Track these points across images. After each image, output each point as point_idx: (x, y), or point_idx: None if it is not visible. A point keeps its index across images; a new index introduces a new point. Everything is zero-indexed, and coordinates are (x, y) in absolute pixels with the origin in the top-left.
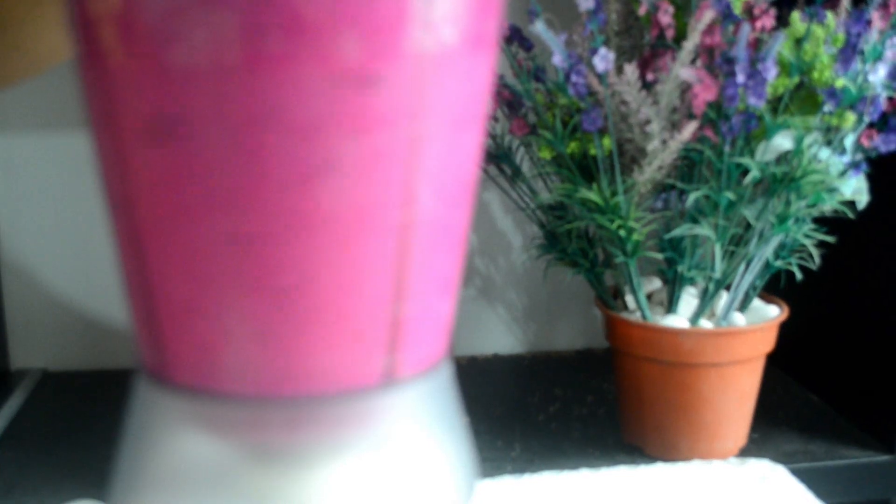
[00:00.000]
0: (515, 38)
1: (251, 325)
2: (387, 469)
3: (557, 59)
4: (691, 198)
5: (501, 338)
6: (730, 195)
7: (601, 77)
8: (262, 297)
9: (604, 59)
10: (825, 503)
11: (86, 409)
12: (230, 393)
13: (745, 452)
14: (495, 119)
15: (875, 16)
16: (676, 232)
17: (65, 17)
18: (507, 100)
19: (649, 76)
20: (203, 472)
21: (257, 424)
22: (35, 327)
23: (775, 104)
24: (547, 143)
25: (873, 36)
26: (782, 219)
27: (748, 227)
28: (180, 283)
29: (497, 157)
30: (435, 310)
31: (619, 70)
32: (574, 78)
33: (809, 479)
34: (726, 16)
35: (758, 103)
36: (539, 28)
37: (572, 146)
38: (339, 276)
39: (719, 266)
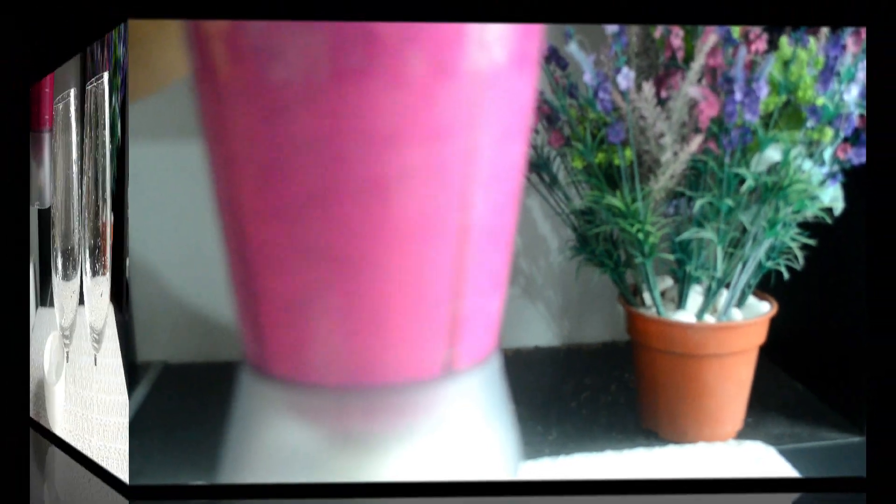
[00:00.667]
0: (553, 58)
1: (335, 323)
2: (445, 451)
3: (588, 77)
4: (698, 204)
5: (542, 332)
6: (729, 202)
7: (624, 94)
8: (343, 297)
9: (626, 78)
10: (807, 478)
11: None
12: (317, 383)
13: (741, 435)
14: (536, 131)
15: (849, 41)
16: (685, 235)
17: (183, 37)
18: (546, 114)
19: (664, 93)
20: (294, 453)
21: (339, 412)
22: (156, 324)
23: (767, 120)
24: (579, 153)
25: (848, 59)
26: (772, 223)
27: (745, 230)
28: (279, 286)
29: (538, 166)
30: (487, 307)
31: (639, 87)
32: (601, 94)
33: (795, 458)
34: (726, 39)
35: (752, 119)
36: (573, 49)
37: (600, 156)
38: (408, 277)
39: (720, 266)
